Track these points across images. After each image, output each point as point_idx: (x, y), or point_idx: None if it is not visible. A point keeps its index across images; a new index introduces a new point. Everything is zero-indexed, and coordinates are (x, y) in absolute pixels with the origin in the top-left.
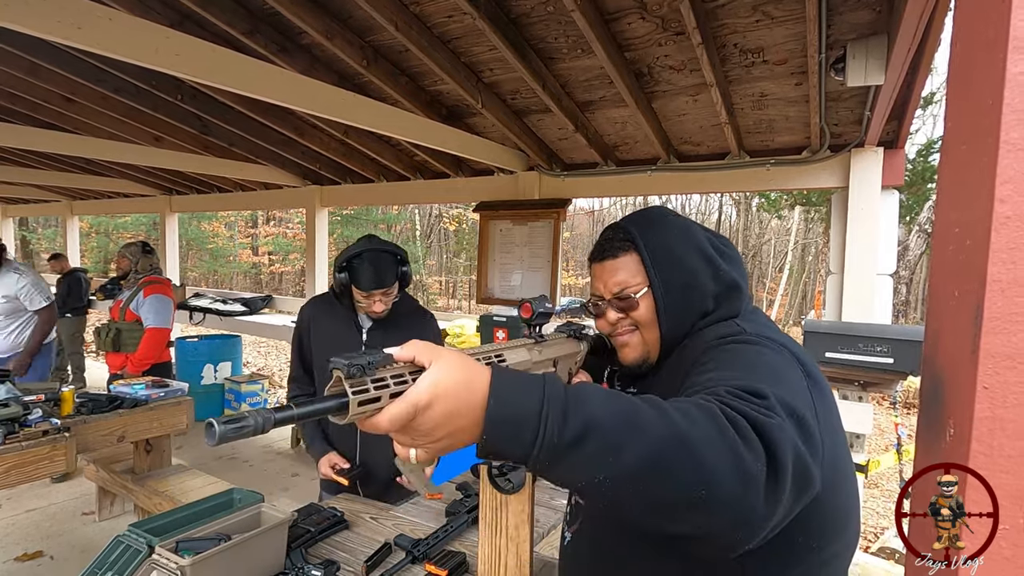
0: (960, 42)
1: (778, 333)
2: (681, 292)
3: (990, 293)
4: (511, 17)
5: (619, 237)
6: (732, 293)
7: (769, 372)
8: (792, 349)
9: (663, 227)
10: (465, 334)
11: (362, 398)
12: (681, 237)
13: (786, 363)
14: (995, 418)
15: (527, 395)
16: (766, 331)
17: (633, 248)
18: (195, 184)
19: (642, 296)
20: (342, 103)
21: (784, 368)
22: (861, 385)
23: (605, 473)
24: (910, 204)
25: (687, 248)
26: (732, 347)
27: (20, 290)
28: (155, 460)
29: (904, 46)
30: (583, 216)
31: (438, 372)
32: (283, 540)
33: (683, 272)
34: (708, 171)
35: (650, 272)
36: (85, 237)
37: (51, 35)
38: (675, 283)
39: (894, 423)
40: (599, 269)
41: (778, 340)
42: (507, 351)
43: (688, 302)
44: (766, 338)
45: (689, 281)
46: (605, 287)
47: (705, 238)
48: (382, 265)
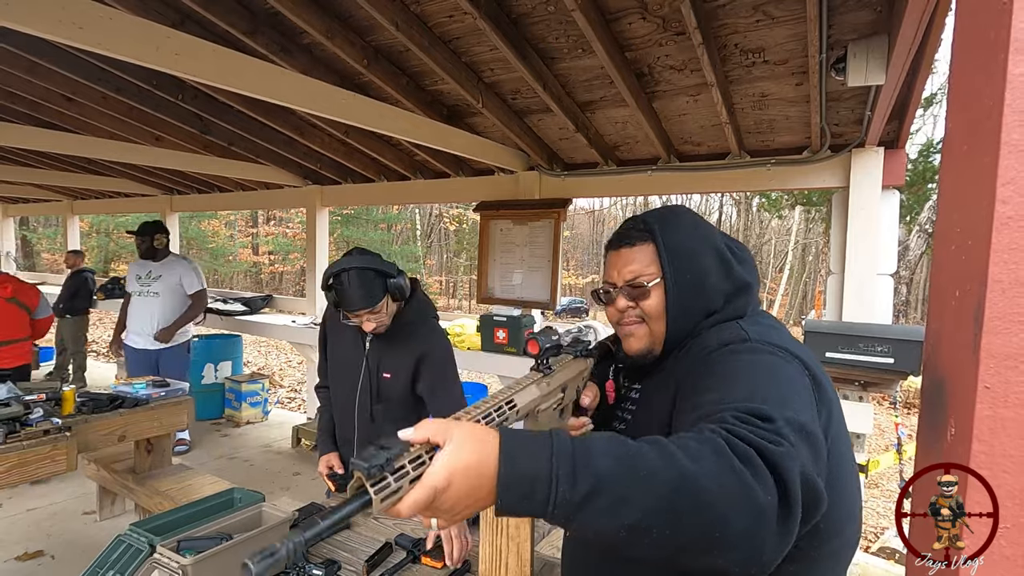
0: (961, 43)
1: (781, 335)
2: (692, 287)
3: (991, 293)
4: (512, 17)
5: (638, 228)
6: (742, 293)
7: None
8: (796, 352)
9: (682, 224)
10: (465, 334)
11: (385, 494)
12: (698, 236)
13: (790, 371)
14: (996, 418)
15: (536, 458)
16: (769, 335)
17: (650, 239)
18: (195, 184)
19: (654, 286)
20: (343, 103)
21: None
22: (861, 385)
23: (620, 523)
24: (910, 204)
25: (703, 246)
26: (734, 357)
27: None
28: (156, 459)
29: (905, 46)
30: (583, 216)
31: (451, 452)
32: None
33: (696, 268)
34: (708, 171)
35: (664, 264)
36: (85, 237)
37: (52, 35)
38: (687, 278)
39: (894, 423)
40: (615, 256)
41: (780, 344)
42: (518, 394)
43: (697, 298)
44: (768, 343)
45: (701, 277)
46: (619, 274)
47: (722, 240)
48: (365, 284)
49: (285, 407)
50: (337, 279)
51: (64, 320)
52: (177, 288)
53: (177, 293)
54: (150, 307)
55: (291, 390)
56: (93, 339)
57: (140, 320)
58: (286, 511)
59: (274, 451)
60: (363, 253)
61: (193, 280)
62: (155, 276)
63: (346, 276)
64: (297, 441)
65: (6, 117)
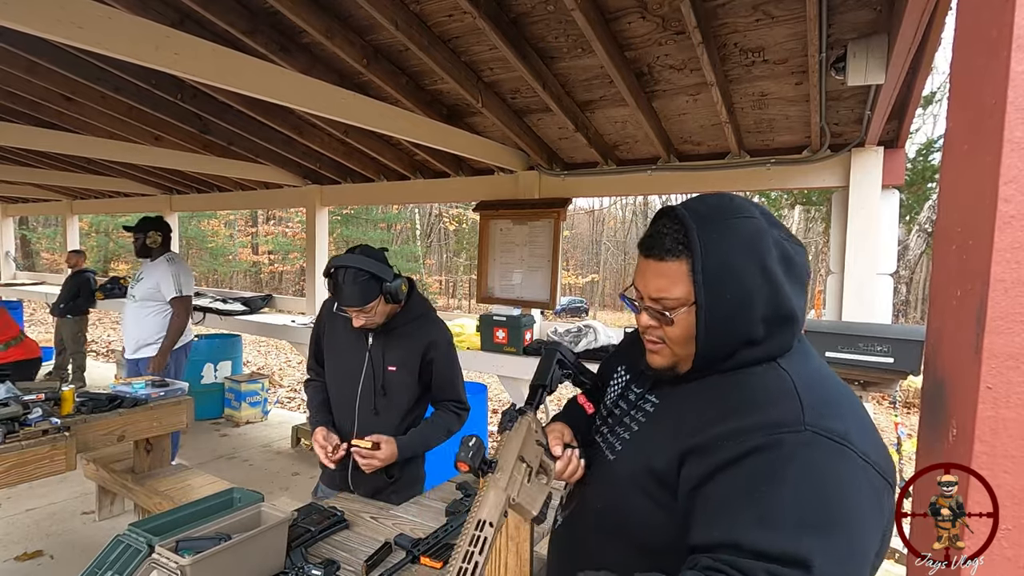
0: (962, 41)
1: (843, 405)
2: (728, 317)
3: (993, 293)
4: (511, 16)
5: (673, 235)
6: (786, 325)
7: (824, 511)
8: (865, 444)
9: (730, 232)
10: (465, 333)
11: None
12: (747, 248)
13: (859, 483)
14: (998, 418)
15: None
16: (831, 411)
17: (686, 255)
18: (195, 183)
19: (680, 314)
20: (342, 102)
21: (851, 497)
22: (861, 385)
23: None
24: (910, 204)
25: (750, 264)
26: (782, 462)
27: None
28: (155, 459)
29: (904, 45)
30: (583, 216)
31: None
32: (283, 539)
33: (737, 293)
34: (708, 171)
35: (698, 291)
36: (85, 236)
37: (51, 34)
38: (724, 306)
39: (894, 423)
40: (643, 264)
41: (845, 435)
42: (482, 509)
43: (733, 328)
44: (830, 434)
45: (741, 305)
46: (645, 288)
47: (776, 247)
48: (357, 285)
49: (284, 407)
50: (335, 274)
51: (64, 320)
52: (154, 294)
53: (154, 300)
54: (129, 313)
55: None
56: (92, 339)
57: (124, 328)
58: (285, 511)
59: (273, 451)
60: (367, 253)
61: (169, 286)
62: (139, 279)
63: (342, 273)
64: (297, 441)
65: (6, 117)
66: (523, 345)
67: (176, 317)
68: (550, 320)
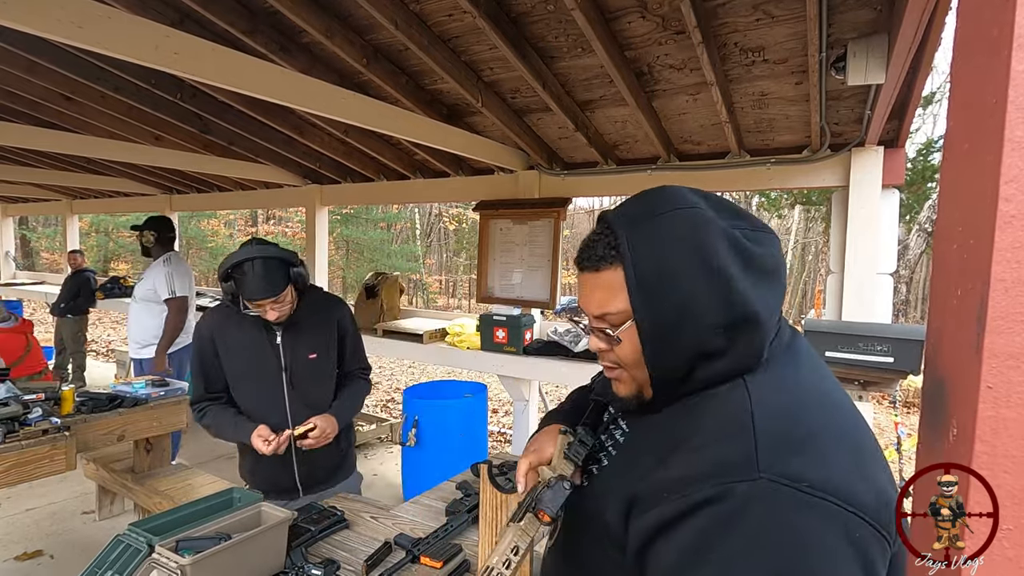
0: (963, 40)
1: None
2: (672, 325)
3: (994, 292)
4: (511, 16)
5: (604, 241)
6: (749, 329)
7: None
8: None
9: (662, 228)
10: (465, 333)
11: None
12: (683, 245)
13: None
14: (999, 418)
15: None
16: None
17: (619, 260)
18: (195, 183)
19: (624, 331)
20: (342, 102)
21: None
22: (861, 384)
23: None
24: (910, 203)
25: (690, 261)
26: (729, 515)
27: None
28: (155, 459)
29: (905, 45)
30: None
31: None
32: (283, 539)
33: (677, 299)
34: (708, 170)
35: (634, 299)
36: (85, 236)
37: (51, 34)
38: (665, 313)
39: (894, 422)
40: (582, 280)
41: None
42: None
43: (679, 341)
44: (789, 484)
45: (683, 312)
46: (587, 306)
47: (725, 239)
48: (268, 272)
49: None
50: (239, 268)
51: (64, 320)
52: (152, 295)
53: (152, 300)
54: (131, 313)
55: None
56: (92, 339)
57: (127, 326)
58: (285, 511)
59: None
60: (262, 243)
61: (163, 286)
62: (140, 279)
63: (249, 265)
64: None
65: (6, 117)
66: (523, 345)
67: (170, 317)
68: (550, 320)
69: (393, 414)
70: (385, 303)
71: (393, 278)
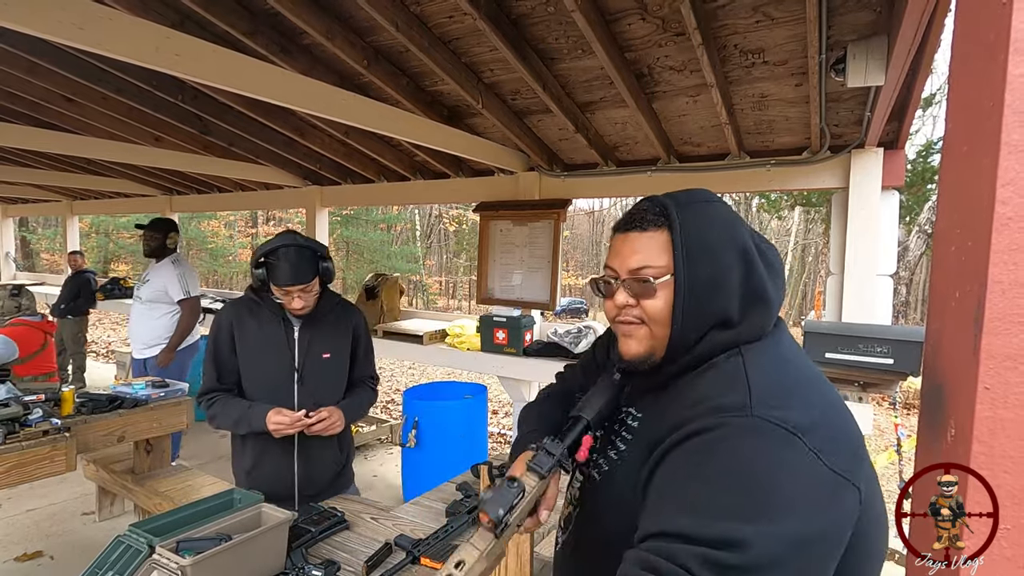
0: (961, 44)
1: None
2: (706, 290)
3: (991, 294)
4: (512, 18)
5: (655, 210)
6: (759, 306)
7: (759, 497)
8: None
9: (706, 212)
10: (465, 334)
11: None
12: (723, 227)
13: (796, 471)
14: (996, 418)
15: None
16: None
17: (667, 226)
18: (195, 184)
19: (662, 284)
20: (343, 103)
21: (787, 482)
22: (861, 386)
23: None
24: (910, 205)
25: (727, 241)
26: (721, 447)
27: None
28: (155, 460)
29: (904, 47)
30: (583, 216)
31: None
32: (283, 540)
33: (715, 267)
34: (708, 172)
35: (678, 259)
36: (85, 237)
37: (52, 35)
38: (702, 278)
39: (894, 423)
40: (621, 241)
41: (791, 422)
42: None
43: (710, 303)
44: (773, 420)
45: (718, 279)
46: (623, 263)
47: (751, 235)
48: (300, 261)
49: None
50: (274, 254)
51: (64, 320)
52: (161, 295)
53: (161, 301)
54: (136, 314)
55: None
56: (92, 340)
57: (130, 328)
58: (286, 511)
59: None
60: (296, 235)
61: (176, 288)
62: (146, 280)
63: (284, 251)
64: None
65: (6, 117)
66: (523, 346)
67: (185, 318)
68: (550, 321)
69: (393, 415)
70: (385, 304)
71: (393, 279)
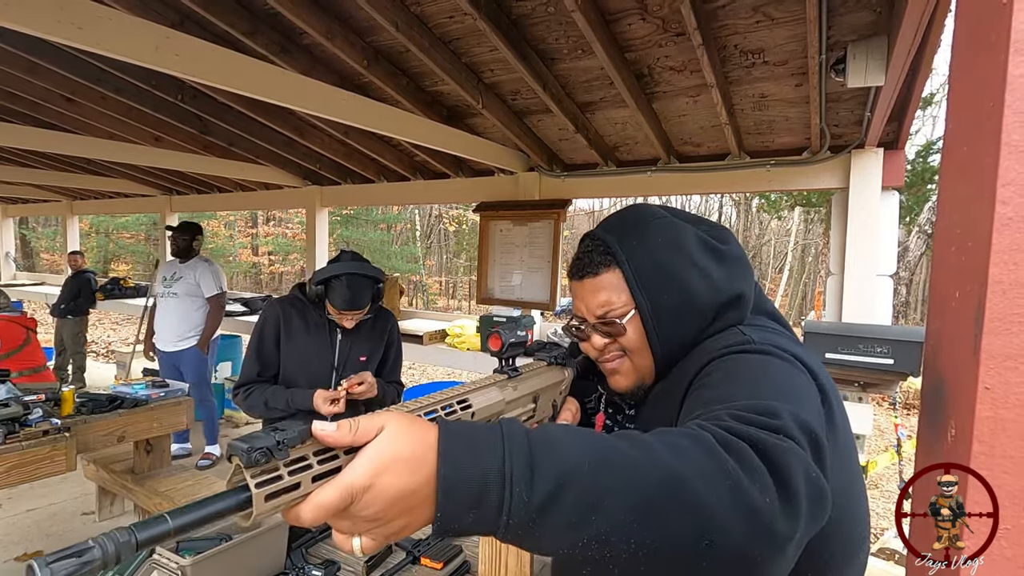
0: (961, 44)
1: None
2: (672, 312)
3: (991, 294)
4: (512, 18)
5: (598, 250)
6: (733, 306)
7: (778, 385)
8: (804, 359)
9: (646, 235)
10: (465, 334)
11: (271, 489)
12: (669, 246)
13: (796, 374)
14: (996, 418)
15: (483, 452)
16: (774, 338)
17: (615, 263)
18: (195, 184)
19: (629, 320)
20: (343, 103)
21: (794, 380)
22: (861, 386)
23: (589, 532)
24: (910, 205)
25: (678, 260)
26: (735, 357)
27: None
28: (155, 460)
29: (904, 47)
30: (583, 217)
31: (378, 444)
32: (283, 540)
33: (675, 291)
34: (708, 172)
35: (635, 293)
36: (85, 237)
37: (51, 35)
38: (666, 304)
39: (894, 424)
40: (579, 288)
41: (788, 349)
42: (474, 393)
43: (682, 324)
44: (774, 347)
45: (683, 300)
46: (587, 309)
47: (698, 239)
48: (360, 290)
49: None
50: (338, 279)
51: (64, 320)
52: (195, 290)
53: (194, 295)
54: (169, 309)
55: None
56: (92, 339)
57: (161, 322)
58: None
59: None
60: (356, 258)
61: (210, 283)
62: (177, 277)
63: (347, 279)
64: None
65: (6, 117)
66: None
67: (215, 312)
68: (550, 321)
69: None
70: (385, 304)
71: (393, 279)
